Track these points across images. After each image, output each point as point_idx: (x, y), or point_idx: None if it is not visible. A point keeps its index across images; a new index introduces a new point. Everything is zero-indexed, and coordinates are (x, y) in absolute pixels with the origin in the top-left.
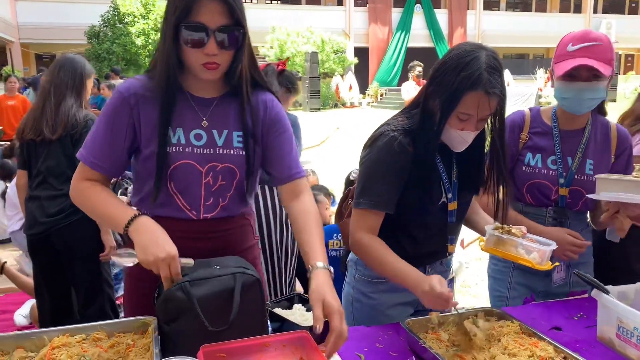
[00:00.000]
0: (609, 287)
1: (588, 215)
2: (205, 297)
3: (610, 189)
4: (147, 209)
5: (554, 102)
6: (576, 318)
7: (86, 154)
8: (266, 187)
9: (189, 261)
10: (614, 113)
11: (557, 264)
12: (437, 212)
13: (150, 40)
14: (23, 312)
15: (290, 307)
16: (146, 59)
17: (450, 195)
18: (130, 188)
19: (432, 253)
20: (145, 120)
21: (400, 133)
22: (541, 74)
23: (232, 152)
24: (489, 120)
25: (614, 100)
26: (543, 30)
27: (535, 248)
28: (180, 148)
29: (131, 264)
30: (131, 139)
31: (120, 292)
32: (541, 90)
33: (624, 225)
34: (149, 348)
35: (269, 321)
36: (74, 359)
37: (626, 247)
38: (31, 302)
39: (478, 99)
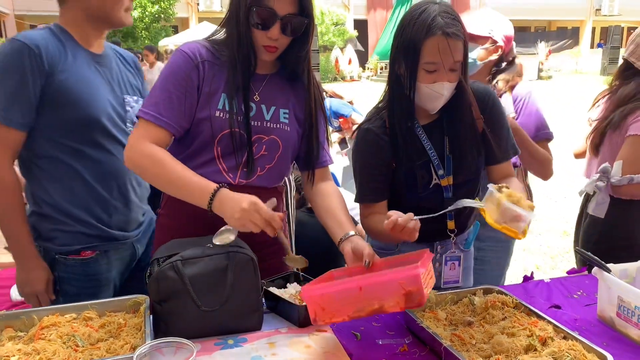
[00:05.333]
0: (610, 265)
1: None
2: (197, 276)
3: None
4: None
5: (555, 76)
6: (576, 296)
7: (156, 113)
8: None
9: (272, 200)
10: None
11: (513, 232)
12: (430, 193)
13: (147, 13)
14: None
15: (285, 286)
16: (143, 31)
17: (441, 172)
18: None
19: (433, 231)
20: (208, 87)
21: (373, 122)
22: (542, 47)
23: (278, 126)
24: None
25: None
26: (545, 2)
27: (503, 204)
28: (233, 116)
29: (233, 237)
30: (196, 102)
31: None
32: (542, 63)
33: None
34: (141, 328)
35: (264, 300)
36: (64, 338)
37: (629, 225)
38: None
39: (437, 43)
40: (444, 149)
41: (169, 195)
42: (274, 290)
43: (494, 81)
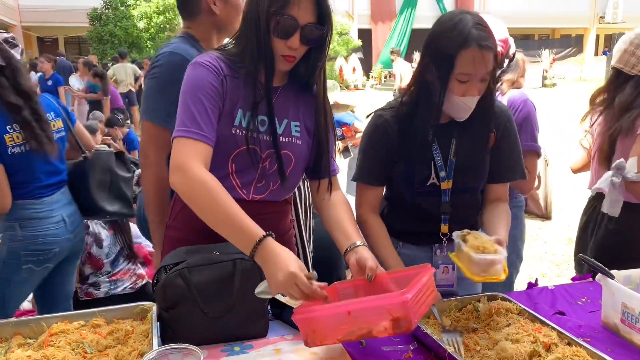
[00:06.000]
0: (613, 272)
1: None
2: (204, 283)
3: None
4: None
5: (560, 83)
6: (580, 303)
7: (198, 129)
8: None
9: (313, 274)
10: None
11: (494, 278)
12: (427, 192)
13: (152, 23)
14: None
15: None
16: (148, 41)
17: (443, 174)
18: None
19: (427, 232)
20: (228, 103)
21: (389, 111)
22: (546, 54)
23: (290, 140)
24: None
25: None
26: (549, 10)
27: (474, 257)
28: (248, 132)
29: (271, 295)
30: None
31: None
32: (547, 71)
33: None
34: (148, 334)
35: (269, 307)
36: (73, 345)
37: (634, 232)
38: None
39: (472, 56)
40: (449, 151)
41: (180, 208)
42: (279, 297)
43: (499, 83)
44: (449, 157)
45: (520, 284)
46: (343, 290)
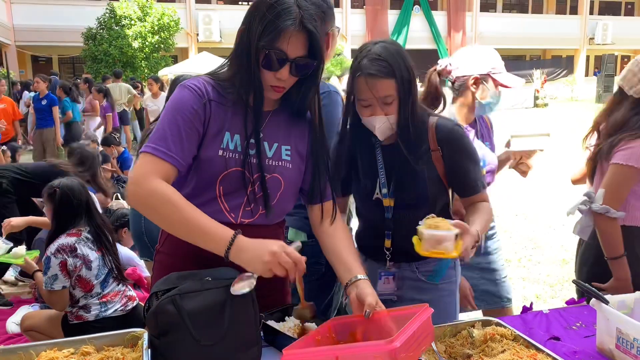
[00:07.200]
0: (607, 297)
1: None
2: (196, 310)
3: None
4: None
5: (551, 104)
6: (575, 328)
7: (165, 148)
8: None
9: (298, 244)
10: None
11: (442, 254)
12: (373, 206)
13: (147, 43)
14: (15, 320)
15: (283, 319)
16: (142, 61)
17: (385, 191)
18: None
19: (374, 246)
20: (212, 127)
21: (342, 130)
22: (538, 75)
23: (280, 163)
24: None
25: None
26: (539, 31)
27: (424, 233)
28: (236, 155)
29: (248, 289)
30: (200, 140)
31: None
32: (538, 91)
33: (528, 167)
34: None
35: (262, 333)
36: None
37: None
38: (23, 310)
39: (362, 83)
40: (392, 171)
41: (168, 233)
42: (272, 323)
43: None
44: (392, 176)
45: (515, 306)
46: (339, 326)
